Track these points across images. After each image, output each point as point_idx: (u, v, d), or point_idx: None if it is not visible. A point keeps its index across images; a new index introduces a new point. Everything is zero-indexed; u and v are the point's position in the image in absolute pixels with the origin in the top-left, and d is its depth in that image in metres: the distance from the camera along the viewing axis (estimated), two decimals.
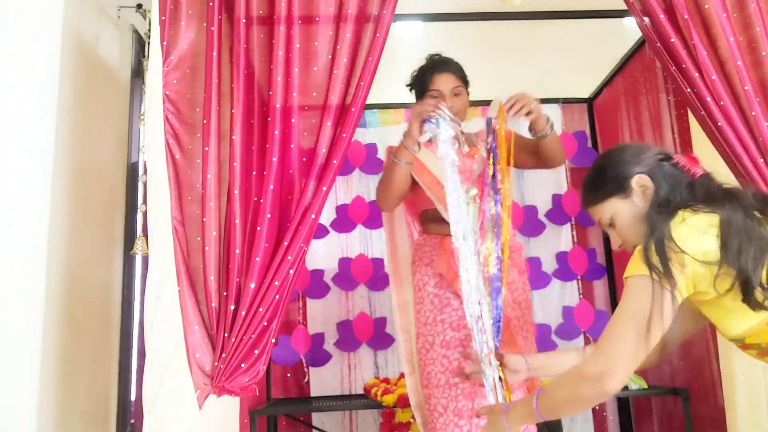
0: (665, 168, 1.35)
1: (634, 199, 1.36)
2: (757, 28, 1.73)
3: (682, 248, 1.19)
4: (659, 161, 1.36)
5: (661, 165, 1.36)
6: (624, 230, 1.39)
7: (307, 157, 1.67)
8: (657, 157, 1.37)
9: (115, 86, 2.45)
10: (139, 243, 2.25)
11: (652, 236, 1.24)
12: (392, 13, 1.72)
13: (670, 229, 1.23)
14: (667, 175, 1.34)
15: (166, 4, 1.71)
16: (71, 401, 1.96)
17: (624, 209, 1.37)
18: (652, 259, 1.20)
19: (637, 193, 1.35)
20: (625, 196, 1.37)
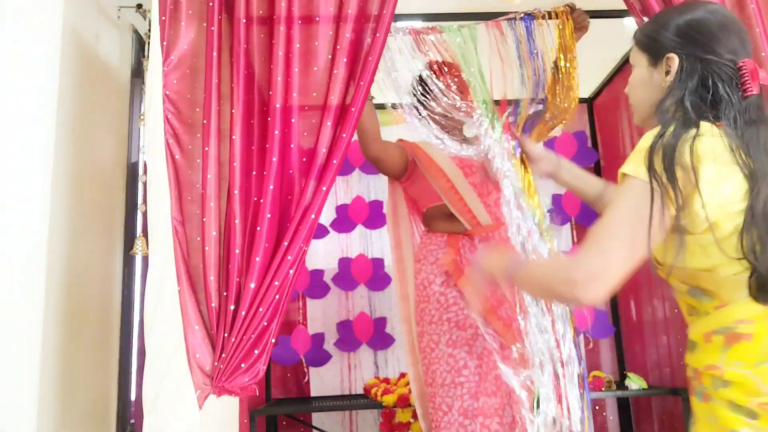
0: (718, 66, 1.15)
1: (655, 73, 1.22)
2: (756, 28, 1.73)
3: (696, 168, 1.04)
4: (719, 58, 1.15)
5: (716, 61, 1.15)
6: (632, 84, 1.29)
7: (307, 157, 1.67)
8: (722, 53, 1.16)
9: (115, 86, 2.45)
10: (139, 243, 2.25)
11: (660, 138, 1.08)
12: (392, 13, 1.72)
13: (691, 137, 1.07)
14: (713, 75, 1.15)
15: (166, 4, 1.71)
16: (71, 401, 1.96)
17: (642, 71, 1.26)
18: (656, 165, 1.06)
19: (662, 69, 1.21)
20: (652, 63, 1.23)
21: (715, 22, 1.18)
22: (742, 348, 1.05)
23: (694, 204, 1.05)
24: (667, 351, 2.87)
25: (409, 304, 2.16)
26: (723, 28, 1.18)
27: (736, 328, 1.06)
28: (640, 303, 3.12)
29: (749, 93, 1.13)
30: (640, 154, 1.10)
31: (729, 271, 1.07)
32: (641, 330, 3.10)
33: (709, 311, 1.11)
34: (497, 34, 2.04)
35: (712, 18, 1.19)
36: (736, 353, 1.05)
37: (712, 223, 1.06)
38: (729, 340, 1.06)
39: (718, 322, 1.09)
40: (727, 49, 1.16)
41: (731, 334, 1.06)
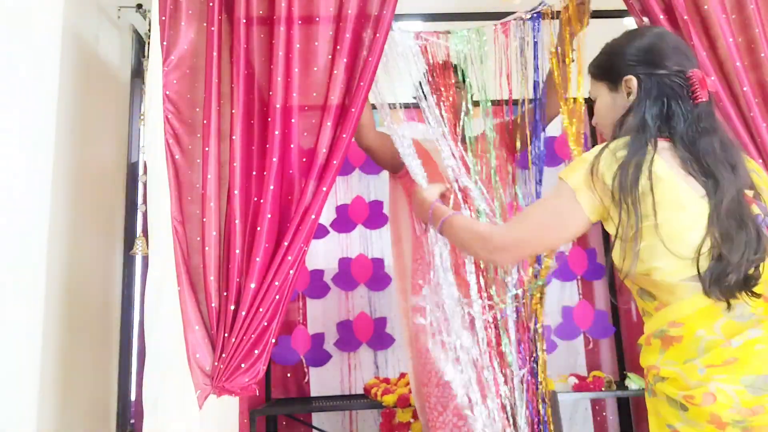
0: (667, 81, 1.26)
1: (617, 97, 1.33)
2: (756, 29, 1.73)
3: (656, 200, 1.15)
4: (669, 71, 1.26)
5: (667, 76, 1.26)
6: (599, 112, 1.39)
7: (307, 157, 1.67)
8: (670, 66, 1.27)
9: (115, 86, 2.45)
10: (139, 243, 2.25)
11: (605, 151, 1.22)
12: (392, 13, 1.72)
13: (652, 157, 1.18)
14: (663, 90, 1.26)
15: (166, 4, 1.71)
16: (71, 401, 1.96)
17: (605, 98, 1.36)
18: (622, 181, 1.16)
19: (622, 92, 1.32)
20: (612, 89, 1.34)
21: (662, 42, 1.32)
22: (674, 349, 1.17)
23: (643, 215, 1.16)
24: None
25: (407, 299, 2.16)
26: (668, 46, 1.31)
27: (668, 332, 1.18)
28: None
29: (699, 100, 1.24)
30: (583, 164, 1.24)
31: (665, 275, 1.16)
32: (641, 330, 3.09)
33: (651, 313, 1.23)
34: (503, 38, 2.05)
35: (658, 39, 1.33)
36: (669, 354, 1.17)
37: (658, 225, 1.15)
38: (664, 343, 1.19)
39: (656, 324, 1.21)
40: (676, 63, 1.28)
41: (665, 337, 1.18)
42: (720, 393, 1.08)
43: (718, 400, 1.08)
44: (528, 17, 2.05)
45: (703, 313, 1.14)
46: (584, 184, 1.22)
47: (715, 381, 1.09)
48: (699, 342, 1.13)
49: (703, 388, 1.09)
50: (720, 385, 1.09)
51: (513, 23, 2.08)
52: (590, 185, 1.21)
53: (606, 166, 1.20)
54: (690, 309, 1.15)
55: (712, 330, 1.13)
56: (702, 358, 1.12)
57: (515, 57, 2.07)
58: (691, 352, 1.14)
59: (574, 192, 1.22)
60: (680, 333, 1.16)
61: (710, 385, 1.09)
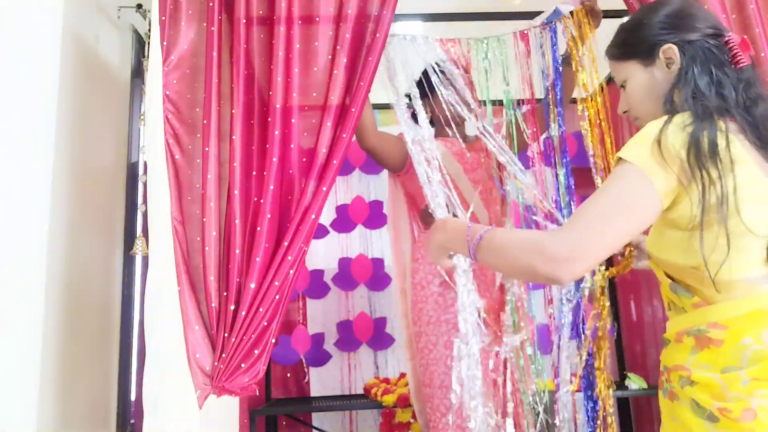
0: (708, 44, 1.15)
1: (655, 70, 1.19)
2: (756, 29, 1.73)
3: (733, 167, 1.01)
4: (704, 35, 1.15)
5: (703, 39, 1.15)
6: (633, 98, 1.23)
7: (307, 157, 1.67)
8: (704, 29, 1.16)
9: (115, 86, 2.45)
10: (139, 243, 2.25)
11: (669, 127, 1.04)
12: (392, 13, 1.72)
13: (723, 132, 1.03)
14: (706, 52, 1.14)
15: (166, 4, 1.71)
16: (71, 401, 1.96)
17: (640, 77, 1.21)
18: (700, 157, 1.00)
19: (661, 64, 1.18)
20: (647, 64, 1.20)
21: (690, 6, 1.20)
22: (710, 353, 1.04)
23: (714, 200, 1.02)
24: None
25: (406, 298, 2.16)
26: (699, 10, 1.20)
27: (708, 332, 1.05)
28: (640, 303, 3.12)
29: (741, 65, 1.13)
30: (646, 140, 1.05)
31: (724, 271, 1.03)
32: (641, 330, 3.10)
33: (686, 308, 1.10)
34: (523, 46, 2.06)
35: (685, 4, 1.20)
36: (704, 357, 1.04)
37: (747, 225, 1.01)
38: (699, 343, 1.06)
39: (693, 321, 1.08)
40: (711, 26, 1.16)
41: (703, 338, 1.05)
42: (762, 411, 0.97)
43: (759, 417, 0.97)
44: (545, 27, 2.05)
45: (751, 318, 1.02)
46: (655, 162, 1.02)
47: (758, 397, 0.98)
48: (744, 350, 1.01)
49: (744, 403, 0.98)
50: (763, 402, 0.98)
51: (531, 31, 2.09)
52: (662, 162, 1.02)
53: (676, 138, 1.03)
54: (738, 311, 1.03)
55: (760, 339, 1.01)
56: (747, 370, 1.00)
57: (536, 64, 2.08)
58: (733, 360, 1.01)
59: (643, 172, 1.02)
60: (722, 337, 1.03)
61: (752, 400, 0.98)
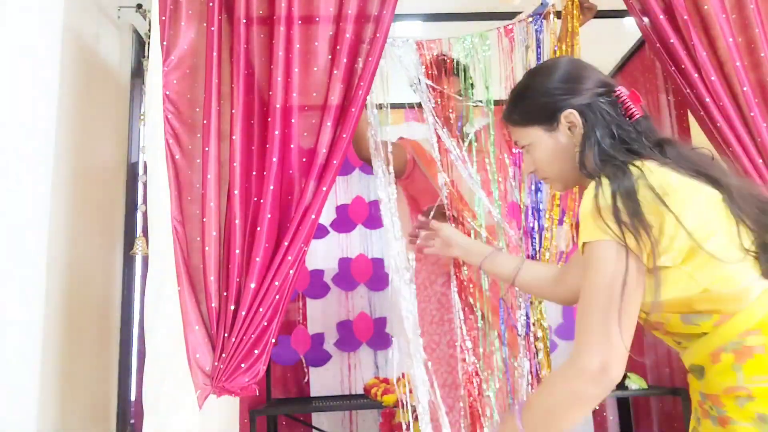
0: (602, 103, 1.18)
1: (559, 135, 1.22)
2: (756, 29, 1.73)
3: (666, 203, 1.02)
4: (597, 94, 1.19)
5: (597, 100, 1.19)
6: (540, 161, 1.26)
7: (307, 157, 1.67)
8: (595, 88, 1.20)
9: (115, 86, 2.45)
10: (139, 243, 2.25)
11: (617, 188, 1.05)
12: (392, 13, 1.72)
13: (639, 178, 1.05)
14: (603, 113, 1.17)
15: (166, 4, 1.71)
16: (71, 401, 1.96)
17: (545, 142, 1.23)
18: (622, 217, 1.01)
19: (564, 128, 1.21)
20: (550, 129, 1.22)
21: (578, 67, 1.24)
22: (757, 362, 1.00)
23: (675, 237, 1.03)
24: (666, 351, 2.87)
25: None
26: (586, 69, 1.23)
27: (744, 342, 1.01)
28: None
29: (636, 117, 1.17)
30: (592, 217, 1.06)
31: (729, 283, 1.03)
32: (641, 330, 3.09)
33: (707, 331, 1.06)
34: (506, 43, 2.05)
35: (570, 66, 1.25)
36: (752, 368, 1.00)
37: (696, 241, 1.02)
38: (740, 356, 1.01)
39: (722, 338, 1.04)
40: (600, 84, 1.20)
41: (741, 349, 1.01)
42: None
43: None
44: (530, 20, 2.05)
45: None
46: (610, 227, 1.02)
47: None
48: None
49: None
50: None
51: (516, 26, 2.08)
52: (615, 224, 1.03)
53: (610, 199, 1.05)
54: (763, 310, 1.02)
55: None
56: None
57: (520, 60, 2.07)
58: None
59: (611, 242, 1.02)
60: (761, 342, 1.00)
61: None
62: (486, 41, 2.05)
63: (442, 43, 2.06)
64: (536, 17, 2.05)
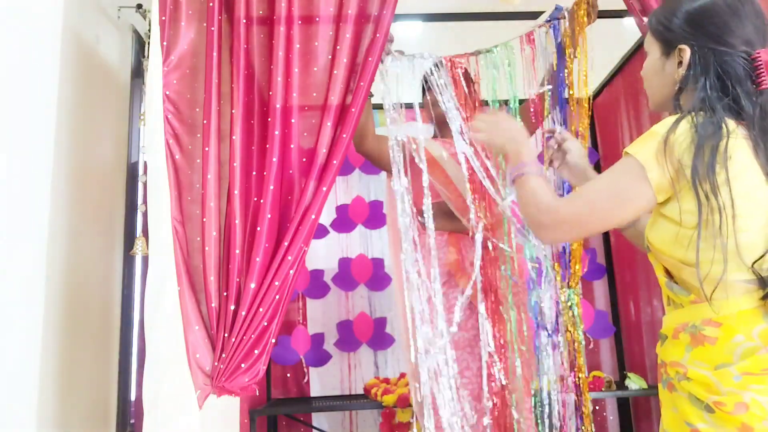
0: (728, 58, 1.13)
1: (667, 63, 1.21)
2: None
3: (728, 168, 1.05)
4: (729, 46, 1.13)
5: (725, 53, 1.13)
6: (645, 71, 1.28)
7: (307, 157, 1.67)
8: (732, 40, 1.14)
9: (115, 86, 2.45)
10: (139, 243, 2.25)
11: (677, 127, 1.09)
12: (392, 13, 1.72)
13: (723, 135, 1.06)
14: (723, 69, 1.13)
15: (166, 4, 1.71)
16: (71, 401, 1.95)
17: (655, 62, 1.24)
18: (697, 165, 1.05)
19: (674, 60, 1.19)
20: (665, 53, 1.21)
21: (728, 8, 1.15)
22: (704, 350, 1.09)
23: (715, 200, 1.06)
24: None
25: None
26: (736, 16, 1.15)
27: (702, 330, 1.09)
28: (639, 303, 3.12)
29: (764, 86, 1.12)
30: (653, 138, 1.11)
31: (720, 271, 1.06)
32: (641, 330, 3.10)
33: (684, 304, 1.15)
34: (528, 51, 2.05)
35: (725, 4, 1.16)
36: (698, 354, 1.09)
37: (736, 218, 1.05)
38: (694, 340, 1.10)
39: (688, 317, 1.13)
40: (741, 39, 1.14)
41: (698, 335, 1.10)
42: (754, 404, 1.02)
43: (751, 410, 1.02)
44: (548, 25, 2.05)
45: (744, 315, 1.07)
46: (655, 160, 1.09)
47: (751, 391, 1.03)
48: (736, 347, 1.06)
49: (737, 397, 1.03)
50: (755, 396, 1.03)
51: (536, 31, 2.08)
52: (662, 161, 1.09)
53: (683, 141, 1.08)
54: (733, 309, 1.07)
55: (751, 336, 1.06)
56: (738, 365, 1.05)
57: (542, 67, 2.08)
58: (726, 357, 1.06)
59: (644, 168, 1.10)
60: (715, 335, 1.08)
61: (745, 394, 1.03)
62: (512, 51, 2.05)
63: (469, 59, 2.06)
64: (553, 23, 2.05)
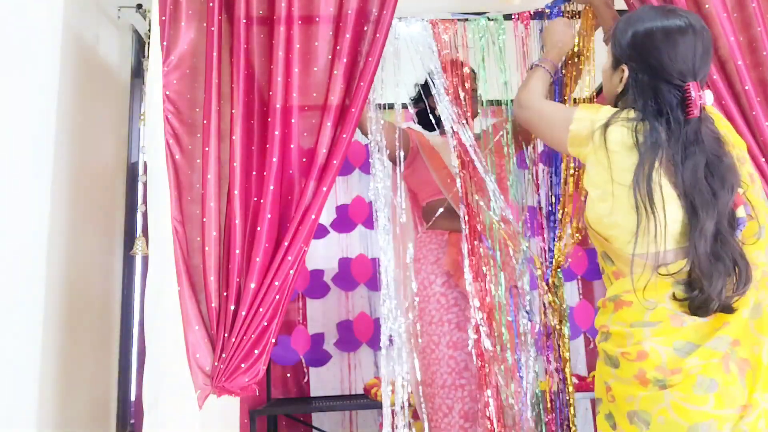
0: (664, 87, 1.29)
1: (614, 74, 1.40)
2: (757, 27, 1.73)
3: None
4: (661, 76, 1.29)
5: (659, 80, 1.29)
6: (603, 72, 1.47)
7: (307, 157, 1.67)
8: (670, 70, 1.28)
9: (115, 86, 2.45)
10: (139, 243, 2.25)
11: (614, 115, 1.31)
12: (392, 14, 1.71)
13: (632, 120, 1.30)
14: (658, 95, 1.29)
15: (166, 4, 1.71)
16: (71, 401, 1.96)
17: (606, 67, 1.44)
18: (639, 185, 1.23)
19: (618, 74, 1.38)
20: (613, 64, 1.40)
21: (667, 41, 1.28)
22: (623, 312, 1.27)
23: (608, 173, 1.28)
24: None
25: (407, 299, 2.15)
26: (674, 49, 1.27)
27: (621, 296, 1.28)
28: None
29: (691, 116, 1.25)
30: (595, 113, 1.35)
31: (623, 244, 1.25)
32: None
33: (610, 278, 1.34)
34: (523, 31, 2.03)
35: (663, 36, 1.29)
36: (619, 315, 1.27)
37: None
38: (616, 306, 1.29)
39: (613, 290, 1.31)
40: (676, 71, 1.27)
41: (618, 302, 1.28)
42: (653, 351, 1.19)
43: (650, 357, 1.19)
44: (548, 11, 2.03)
45: (654, 285, 1.23)
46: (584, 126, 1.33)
47: (651, 341, 1.20)
48: (647, 308, 1.23)
49: (639, 346, 1.20)
50: (655, 345, 1.19)
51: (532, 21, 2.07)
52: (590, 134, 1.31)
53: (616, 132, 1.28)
54: (642, 283, 1.22)
55: (663, 299, 1.23)
56: (652, 328, 1.21)
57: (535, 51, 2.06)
58: (639, 316, 1.23)
59: (573, 114, 1.36)
60: (631, 299, 1.25)
61: (645, 343, 1.20)
62: (501, 25, 2.03)
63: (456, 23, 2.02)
64: (552, 9, 2.03)
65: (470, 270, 1.84)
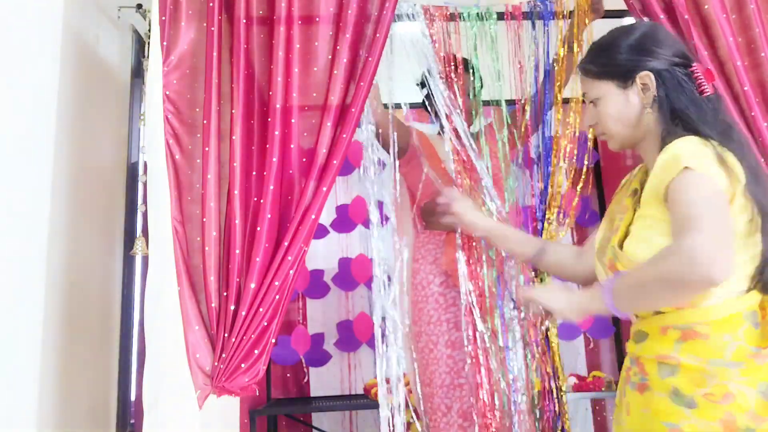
0: (678, 73, 1.24)
1: (630, 94, 1.27)
2: (756, 29, 1.73)
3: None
4: (674, 64, 1.25)
5: (674, 69, 1.24)
6: (605, 117, 1.30)
7: (307, 157, 1.67)
8: (674, 57, 1.25)
9: (115, 86, 2.45)
10: (139, 243, 2.25)
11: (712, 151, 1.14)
12: (392, 14, 1.72)
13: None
14: (677, 83, 1.23)
15: (166, 4, 1.71)
16: (71, 401, 1.96)
17: (616, 98, 1.28)
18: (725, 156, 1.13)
19: (637, 89, 1.26)
20: (623, 87, 1.27)
21: (659, 33, 1.30)
22: (696, 344, 1.12)
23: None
24: None
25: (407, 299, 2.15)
26: (668, 37, 1.30)
27: (694, 328, 1.13)
28: None
29: (706, 93, 1.22)
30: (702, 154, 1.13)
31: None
32: None
33: (665, 310, 1.16)
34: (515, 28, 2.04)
35: (655, 30, 1.30)
36: (690, 347, 1.12)
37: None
38: (685, 336, 1.13)
39: (677, 319, 1.15)
40: (678, 54, 1.26)
41: (689, 332, 1.13)
42: (740, 395, 1.07)
43: (737, 401, 1.07)
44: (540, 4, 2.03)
45: (730, 320, 1.13)
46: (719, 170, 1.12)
47: (736, 382, 1.08)
48: (727, 346, 1.11)
49: (725, 387, 1.08)
50: (741, 387, 1.07)
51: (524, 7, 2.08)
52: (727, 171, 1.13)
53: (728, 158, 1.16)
54: (718, 315, 1.12)
55: (737, 336, 1.12)
56: (738, 369, 1.10)
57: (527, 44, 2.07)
58: (718, 353, 1.11)
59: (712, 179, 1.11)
60: (708, 332, 1.12)
61: (731, 384, 1.08)
62: (493, 15, 2.04)
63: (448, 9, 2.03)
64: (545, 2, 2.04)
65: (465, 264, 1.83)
